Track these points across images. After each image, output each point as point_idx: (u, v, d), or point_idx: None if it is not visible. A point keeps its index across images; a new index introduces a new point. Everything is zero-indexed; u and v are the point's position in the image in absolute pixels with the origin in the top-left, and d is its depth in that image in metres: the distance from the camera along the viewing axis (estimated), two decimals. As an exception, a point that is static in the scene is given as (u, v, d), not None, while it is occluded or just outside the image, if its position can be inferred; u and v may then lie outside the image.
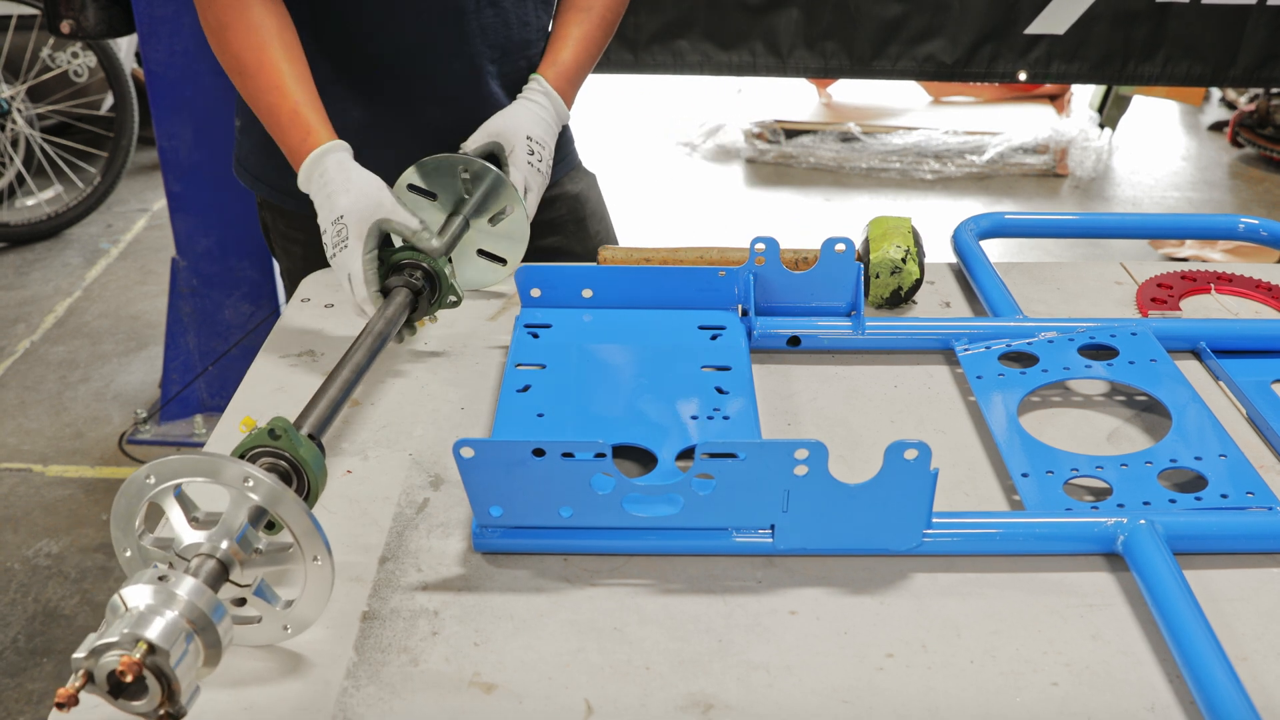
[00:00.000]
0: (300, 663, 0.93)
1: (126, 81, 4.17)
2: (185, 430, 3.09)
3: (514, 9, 1.54)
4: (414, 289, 1.29)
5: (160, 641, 0.77)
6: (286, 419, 1.00)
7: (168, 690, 0.77)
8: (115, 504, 0.89)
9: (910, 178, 4.83)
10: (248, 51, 1.36)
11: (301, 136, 1.34)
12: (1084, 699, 0.91)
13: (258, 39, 1.36)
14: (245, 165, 1.64)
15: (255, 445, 0.99)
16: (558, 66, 1.54)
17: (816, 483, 0.99)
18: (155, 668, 0.77)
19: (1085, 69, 2.69)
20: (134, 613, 0.79)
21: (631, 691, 0.91)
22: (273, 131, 1.38)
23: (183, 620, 0.79)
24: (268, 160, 1.58)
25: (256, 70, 1.36)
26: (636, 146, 5.13)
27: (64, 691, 0.75)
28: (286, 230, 1.65)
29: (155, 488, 0.89)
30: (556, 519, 1.03)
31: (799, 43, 2.69)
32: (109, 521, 2.98)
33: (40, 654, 2.42)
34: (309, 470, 0.99)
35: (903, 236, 1.45)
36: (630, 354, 1.30)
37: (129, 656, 0.75)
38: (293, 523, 0.89)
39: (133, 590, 0.80)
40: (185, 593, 0.81)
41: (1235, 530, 1.06)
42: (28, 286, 3.94)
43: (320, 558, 0.89)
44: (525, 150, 1.45)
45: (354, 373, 1.14)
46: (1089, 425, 1.26)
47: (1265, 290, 1.55)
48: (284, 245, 1.68)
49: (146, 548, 0.90)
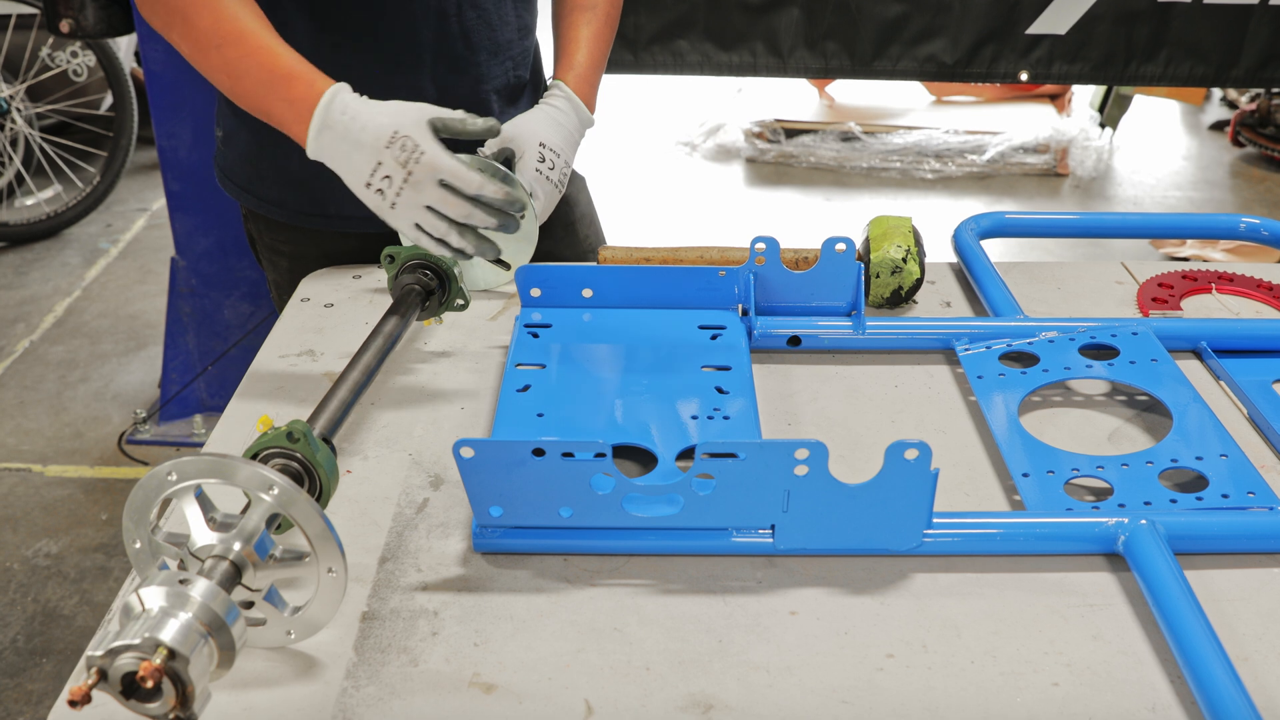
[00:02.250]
0: (300, 663, 0.93)
1: (126, 81, 4.17)
2: (185, 430, 3.09)
3: (495, 9, 1.51)
4: (426, 289, 1.29)
5: (180, 647, 0.77)
6: (305, 423, 1.00)
7: (182, 695, 0.77)
8: (132, 495, 0.89)
9: (911, 177, 4.83)
10: (223, 22, 1.24)
11: (307, 85, 1.22)
12: (1085, 699, 0.91)
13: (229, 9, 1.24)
14: (230, 176, 1.59)
15: (271, 446, 0.98)
16: (576, 69, 1.51)
17: (817, 483, 0.99)
18: (173, 673, 0.77)
19: (1087, 69, 2.68)
20: (152, 615, 0.79)
21: (631, 692, 0.91)
22: (263, 96, 1.24)
23: (199, 624, 0.79)
24: (253, 170, 1.55)
25: (238, 37, 1.24)
26: (636, 146, 5.12)
27: (77, 689, 0.75)
28: (273, 242, 1.62)
29: (176, 485, 0.88)
30: (556, 519, 1.02)
31: (799, 43, 2.68)
32: (108, 521, 2.98)
33: (39, 654, 2.42)
34: (323, 475, 0.99)
35: (903, 236, 1.44)
36: (630, 354, 1.30)
37: (150, 662, 0.75)
38: (312, 535, 0.88)
39: (151, 591, 0.80)
40: (202, 596, 0.81)
41: (1236, 530, 1.06)
42: (27, 286, 3.94)
43: (335, 569, 0.89)
44: (535, 157, 1.42)
45: (364, 374, 1.14)
46: (1090, 425, 1.26)
47: (1266, 290, 1.55)
48: (270, 257, 1.64)
49: (159, 542, 0.90)
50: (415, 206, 1.20)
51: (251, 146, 1.52)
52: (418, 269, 1.31)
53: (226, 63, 1.25)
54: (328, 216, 1.55)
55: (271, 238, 1.61)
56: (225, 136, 1.57)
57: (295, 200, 1.54)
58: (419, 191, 1.19)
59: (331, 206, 1.53)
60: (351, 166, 1.21)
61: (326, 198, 1.51)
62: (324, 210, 1.54)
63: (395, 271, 1.32)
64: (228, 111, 1.53)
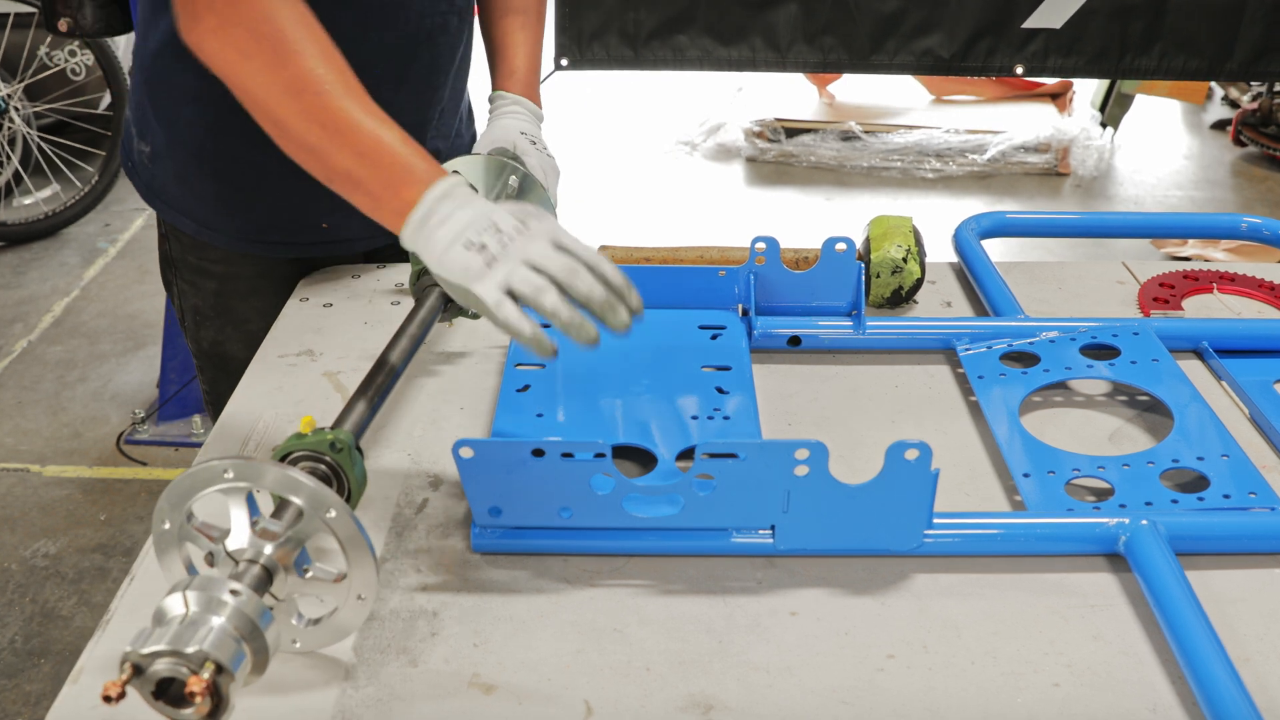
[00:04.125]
0: (299, 663, 0.93)
1: (124, 80, 4.16)
2: (183, 430, 3.09)
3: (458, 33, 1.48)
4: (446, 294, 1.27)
5: (230, 664, 0.77)
6: (350, 434, 1.00)
7: (215, 707, 0.77)
8: (179, 480, 0.87)
9: (911, 177, 4.82)
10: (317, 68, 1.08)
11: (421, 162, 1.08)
12: (1085, 700, 0.90)
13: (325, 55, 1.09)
14: (159, 195, 1.48)
15: (305, 449, 0.98)
16: (516, 74, 1.52)
17: (817, 483, 0.99)
18: (216, 688, 0.77)
19: (1082, 63, 2.70)
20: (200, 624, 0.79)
21: (631, 692, 0.91)
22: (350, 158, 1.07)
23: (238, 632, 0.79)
24: (187, 190, 1.46)
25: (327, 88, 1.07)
26: (637, 145, 5.12)
27: (112, 685, 0.75)
28: (199, 263, 1.51)
29: (231, 483, 0.87)
30: (556, 519, 1.02)
31: (798, 37, 2.69)
32: (107, 522, 2.98)
33: (38, 655, 2.41)
34: (353, 485, 0.99)
35: (904, 236, 1.44)
36: (630, 354, 1.30)
37: (200, 677, 0.76)
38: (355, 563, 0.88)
39: (195, 595, 0.80)
40: (245, 607, 0.80)
41: (1237, 530, 1.05)
42: (25, 286, 3.94)
43: (365, 596, 0.89)
44: (527, 142, 1.44)
45: (388, 377, 1.13)
46: (1091, 425, 1.26)
47: (1268, 290, 1.55)
48: (193, 279, 1.53)
49: (191, 529, 0.89)
50: (517, 261, 1.02)
51: (188, 168, 1.44)
52: None
53: (306, 110, 1.08)
54: (268, 243, 1.50)
55: (198, 258, 1.51)
56: (153, 154, 1.45)
57: (233, 225, 1.48)
58: (531, 241, 1.03)
59: (273, 233, 1.49)
60: (449, 230, 1.04)
61: (268, 223, 1.47)
62: (265, 236, 1.49)
63: (420, 268, 1.28)
64: (158, 128, 1.43)
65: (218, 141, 1.40)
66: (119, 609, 0.99)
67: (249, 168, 1.42)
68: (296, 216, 1.48)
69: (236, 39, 1.08)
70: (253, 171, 1.42)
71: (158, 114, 1.42)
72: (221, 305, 1.54)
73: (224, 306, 1.54)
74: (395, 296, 1.50)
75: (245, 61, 1.09)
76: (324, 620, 0.91)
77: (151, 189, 1.49)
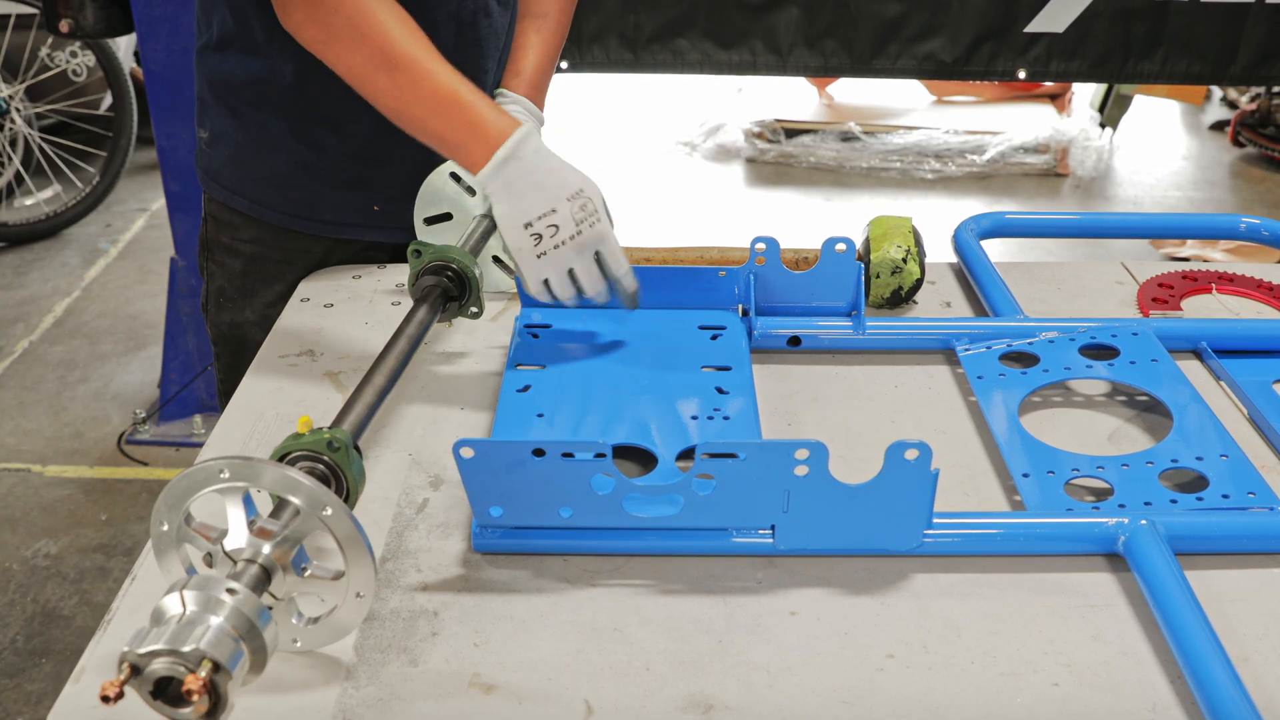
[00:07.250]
0: (299, 663, 0.93)
1: (125, 81, 4.17)
2: (184, 430, 3.09)
3: (501, 17, 1.53)
4: (448, 293, 1.28)
5: (227, 662, 0.77)
6: (347, 433, 1.00)
7: (213, 706, 0.77)
8: (176, 481, 0.88)
9: (911, 177, 4.83)
10: (394, 44, 1.24)
11: (495, 114, 1.23)
12: (1085, 700, 0.90)
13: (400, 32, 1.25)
14: (217, 178, 1.55)
15: (302, 449, 0.98)
16: (522, 75, 1.54)
17: (817, 483, 0.99)
18: (214, 686, 0.77)
19: (1085, 67, 2.70)
20: (197, 622, 0.78)
21: (631, 692, 0.91)
22: (437, 120, 1.25)
23: (237, 632, 0.79)
24: (242, 172, 1.52)
25: (410, 62, 1.24)
26: (637, 146, 5.12)
27: (110, 685, 0.75)
28: (232, 242, 1.57)
29: (228, 483, 0.87)
30: (556, 519, 1.02)
31: (799, 41, 2.69)
32: (108, 522, 2.98)
33: (39, 654, 2.42)
34: (351, 484, 0.99)
35: (903, 236, 1.44)
36: (630, 354, 1.30)
37: (197, 676, 0.76)
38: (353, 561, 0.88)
39: (192, 595, 0.80)
40: (242, 605, 0.81)
41: (1237, 530, 1.05)
42: (26, 286, 3.94)
43: (364, 593, 0.89)
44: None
45: (388, 379, 1.13)
46: (1090, 425, 1.26)
47: (1267, 290, 1.55)
48: (224, 259, 1.58)
49: (189, 530, 0.89)
50: (562, 265, 1.23)
51: (244, 149, 1.51)
52: (441, 270, 1.29)
53: (397, 86, 1.25)
54: (322, 221, 1.54)
55: (230, 238, 1.57)
56: (211, 138, 1.54)
57: (282, 203, 1.53)
58: (578, 253, 1.22)
59: (326, 212, 1.53)
60: (520, 204, 1.21)
61: (316, 200, 1.52)
62: (317, 215, 1.53)
63: (419, 268, 1.29)
64: (217, 113, 1.51)
65: (275, 125, 1.47)
66: (120, 609, 0.99)
67: (310, 148, 1.48)
68: (336, 199, 1.52)
69: (325, 22, 1.26)
70: (313, 153, 1.49)
71: (216, 102, 1.50)
72: (245, 286, 1.57)
73: (247, 288, 1.57)
74: (396, 297, 1.50)
75: (328, 46, 1.27)
76: (323, 619, 0.91)
77: (208, 172, 1.57)
